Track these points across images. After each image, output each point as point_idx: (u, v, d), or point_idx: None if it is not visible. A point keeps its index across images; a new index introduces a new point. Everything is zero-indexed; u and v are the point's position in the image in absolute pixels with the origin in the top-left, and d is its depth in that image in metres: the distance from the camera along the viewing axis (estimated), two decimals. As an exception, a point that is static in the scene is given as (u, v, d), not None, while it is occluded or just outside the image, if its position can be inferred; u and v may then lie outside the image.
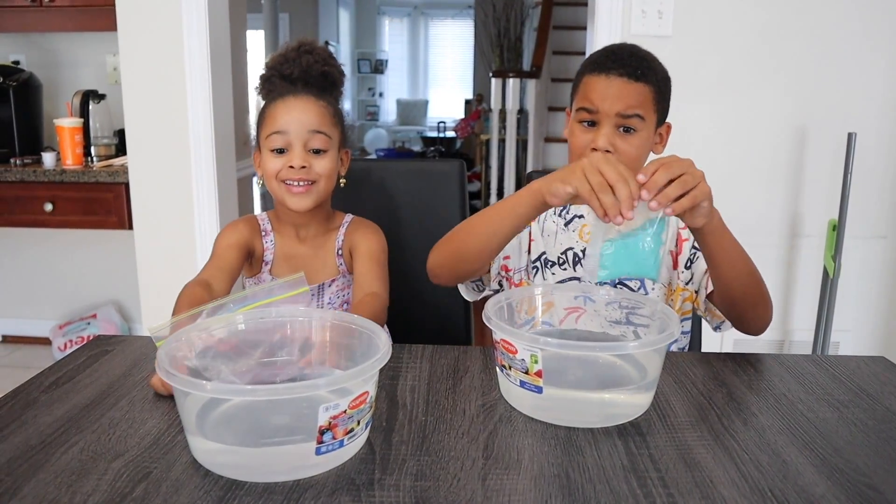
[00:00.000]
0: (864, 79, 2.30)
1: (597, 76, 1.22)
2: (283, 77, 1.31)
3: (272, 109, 1.28)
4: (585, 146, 1.22)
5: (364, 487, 0.72)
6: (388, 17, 10.31)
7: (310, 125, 1.26)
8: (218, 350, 0.86)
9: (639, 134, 1.21)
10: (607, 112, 1.20)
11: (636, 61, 1.21)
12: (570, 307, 1.07)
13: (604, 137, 1.19)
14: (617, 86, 1.20)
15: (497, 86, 5.10)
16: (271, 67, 1.32)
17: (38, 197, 2.71)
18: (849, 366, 1.07)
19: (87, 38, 3.06)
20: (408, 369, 1.02)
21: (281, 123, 1.26)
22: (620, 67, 1.20)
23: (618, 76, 1.20)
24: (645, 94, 1.21)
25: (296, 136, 1.26)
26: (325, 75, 1.33)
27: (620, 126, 1.20)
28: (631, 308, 1.03)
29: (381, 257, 1.34)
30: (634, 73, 1.20)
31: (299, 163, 1.25)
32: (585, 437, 0.83)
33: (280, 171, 1.26)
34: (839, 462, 0.78)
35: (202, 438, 0.76)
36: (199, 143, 2.46)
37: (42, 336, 3.29)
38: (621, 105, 1.19)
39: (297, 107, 1.27)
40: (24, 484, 0.71)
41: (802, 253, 2.41)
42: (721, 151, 2.35)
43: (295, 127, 1.25)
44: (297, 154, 1.26)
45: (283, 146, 1.26)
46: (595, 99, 1.21)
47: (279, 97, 1.28)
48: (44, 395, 0.92)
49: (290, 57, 1.31)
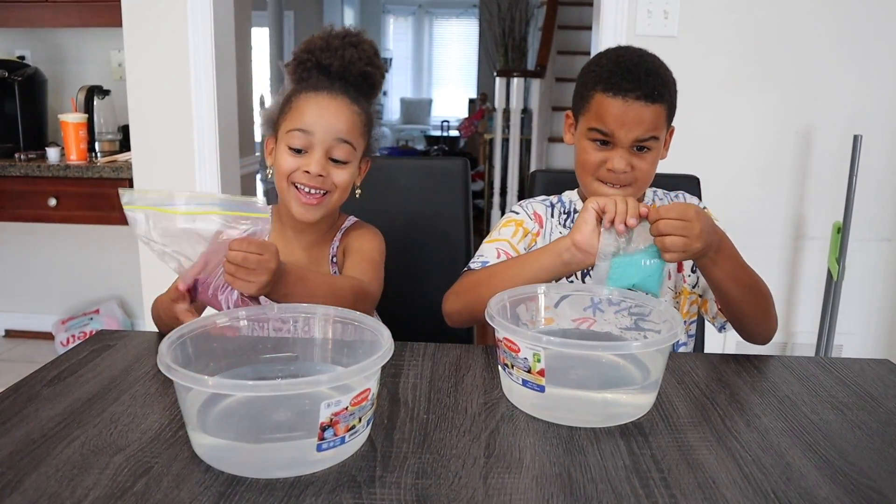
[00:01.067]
0: (871, 81, 2.29)
1: (612, 98, 1.17)
2: (320, 66, 1.21)
3: (301, 101, 1.18)
4: (599, 165, 1.21)
5: (365, 485, 0.71)
6: (393, 16, 10.31)
7: (337, 132, 1.17)
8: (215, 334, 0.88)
9: (653, 151, 1.21)
10: (623, 139, 1.18)
11: (652, 80, 1.17)
12: (580, 318, 1.07)
13: (621, 160, 1.19)
14: (635, 111, 1.17)
15: (501, 85, 5.10)
16: (309, 51, 1.22)
17: (42, 192, 2.72)
18: (853, 368, 1.06)
19: (92, 33, 3.06)
20: (410, 367, 1.02)
21: (307, 122, 1.16)
22: (637, 90, 1.16)
23: (635, 99, 1.16)
24: (660, 114, 1.19)
25: (320, 140, 1.16)
26: (366, 76, 1.23)
27: (635, 146, 1.19)
28: (640, 315, 1.03)
29: (372, 256, 1.25)
30: (651, 95, 1.17)
31: (317, 170, 1.16)
32: (587, 437, 0.83)
33: (294, 173, 1.17)
34: (843, 465, 0.78)
35: (203, 434, 0.76)
36: (203, 140, 2.46)
37: (45, 331, 3.30)
38: (639, 131, 1.18)
39: (330, 108, 1.17)
40: (26, 478, 0.71)
41: (806, 255, 2.41)
42: (726, 152, 2.35)
43: (321, 130, 1.16)
44: (316, 160, 1.16)
45: (303, 146, 1.16)
46: (610, 123, 1.18)
47: (312, 90, 1.19)
48: (46, 390, 0.92)
49: (334, 46, 1.20)
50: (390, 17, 10.31)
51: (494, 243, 1.30)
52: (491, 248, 1.29)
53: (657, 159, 1.23)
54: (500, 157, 5.10)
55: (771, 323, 1.18)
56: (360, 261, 1.23)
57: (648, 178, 1.23)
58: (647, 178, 1.23)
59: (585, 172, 1.24)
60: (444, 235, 1.60)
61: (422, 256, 1.56)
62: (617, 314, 1.05)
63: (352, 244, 1.27)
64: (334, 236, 1.29)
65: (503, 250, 1.28)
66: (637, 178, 1.21)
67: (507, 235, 1.31)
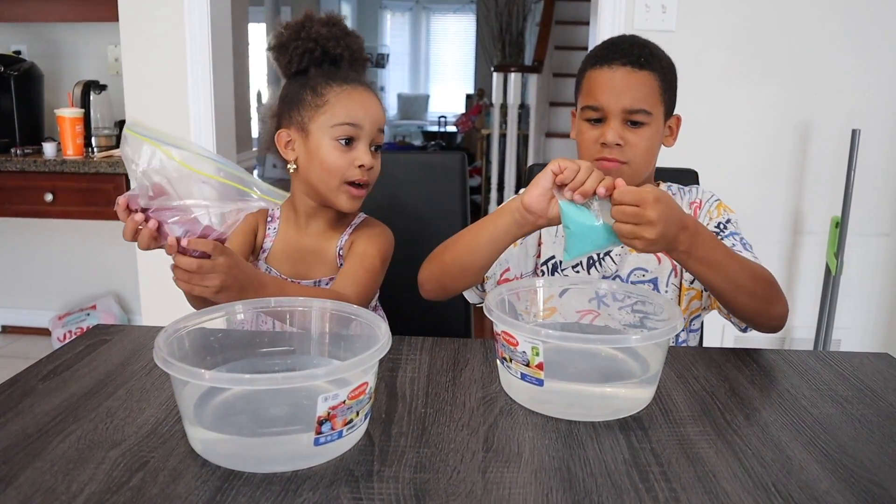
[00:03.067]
0: (869, 75, 2.29)
1: (598, 69, 1.20)
2: (326, 55, 1.21)
3: (338, 95, 1.18)
4: (594, 142, 1.20)
5: (363, 479, 0.71)
6: (390, 11, 10.29)
7: (379, 122, 1.20)
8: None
9: (648, 127, 1.19)
10: (613, 108, 1.18)
11: (637, 49, 1.19)
12: (584, 310, 1.06)
13: (612, 131, 1.17)
14: (620, 77, 1.18)
15: (499, 80, 5.10)
16: (314, 40, 1.20)
17: (38, 187, 2.71)
18: (853, 362, 1.06)
19: (88, 28, 3.04)
20: (407, 361, 1.01)
21: (355, 115, 1.17)
22: (622, 57, 1.18)
23: (620, 65, 1.18)
24: (650, 84, 1.19)
25: (367, 132, 1.18)
26: (364, 63, 1.27)
27: (627, 121, 1.18)
28: (645, 313, 1.02)
29: (373, 263, 1.24)
30: (637, 62, 1.18)
31: (369, 162, 1.18)
32: (587, 431, 0.82)
33: (346, 171, 1.18)
34: (843, 458, 0.78)
35: (200, 428, 0.76)
36: (200, 135, 2.45)
37: (42, 327, 3.29)
38: (627, 99, 1.17)
39: (371, 101, 1.20)
40: (21, 472, 0.71)
41: (805, 250, 2.41)
42: (724, 147, 2.35)
43: (369, 122, 1.18)
44: (363, 152, 1.18)
45: (351, 136, 1.18)
46: (599, 95, 1.19)
47: (344, 82, 1.19)
48: (41, 384, 0.91)
49: (336, 35, 1.21)
50: (387, 13, 10.29)
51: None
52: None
53: (654, 140, 1.20)
54: (498, 152, 5.10)
55: (776, 310, 1.11)
56: (358, 268, 1.22)
57: (644, 159, 1.20)
58: (643, 158, 1.20)
59: (584, 156, 1.22)
60: (441, 231, 1.59)
61: (419, 252, 1.55)
62: (621, 310, 1.04)
63: (358, 245, 1.26)
64: (344, 230, 1.29)
65: None
66: (632, 156, 1.18)
67: None
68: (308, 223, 1.28)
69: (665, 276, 1.26)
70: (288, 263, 1.27)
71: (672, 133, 1.27)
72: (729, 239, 1.20)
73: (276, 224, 1.30)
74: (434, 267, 1.21)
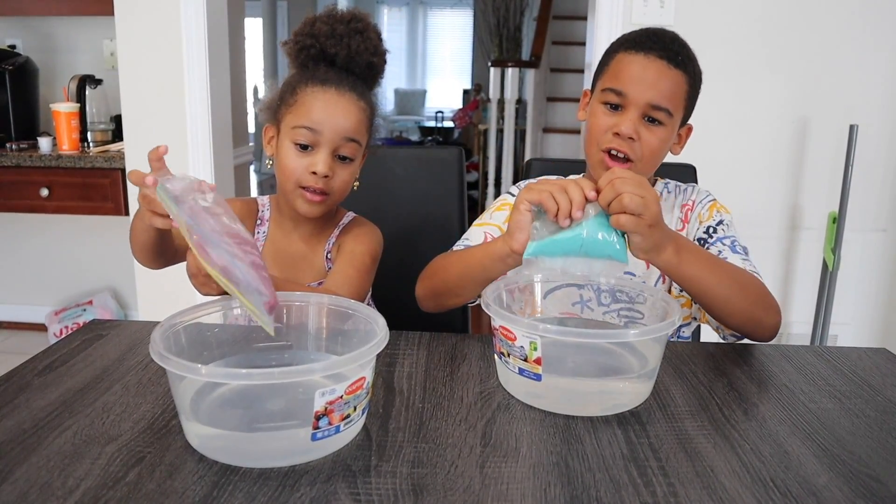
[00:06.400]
0: (867, 70, 2.29)
1: (633, 55, 1.15)
2: (324, 55, 1.16)
3: (309, 96, 1.14)
4: (607, 129, 1.16)
5: (360, 474, 0.71)
6: (387, 6, 10.25)
7: (345, 131, 1.14)
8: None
9: (664, 127, 1.16)
10: (637, 99, 1.13)
11: (677, 46, 1.16)
12: (567, 312, 1.05)
13: (630, 122, 1.13)
14: (654, 69, 1.14)
15: (496, 75, 5.09)
16: (313, 36, 1.16)
17: (34, 182, 2.70)
18: (850, 357, 1.06)
19: (84, 22, 3.03)
20: (405, 356, 1.01)
21: (315, 119, 1.12)
22: (661, 49, 1.14)
23: (657, 57, 1.14)
24: (680, 85, 1.16)
25: (328, 138, 1.13)
26: (371, 66, 1.19)
27: (646, 116, 1.15)
28: (631, 318, 1.01)
29: (363, 261, 1.21)
30: (675, 59, 1.14)
31: (323, 171, 1.12)
32: (585, 426, 0.82)
33: (300, 176, 1.14)
34: (841, 452, 0.78)
35: (197, 423, 0.75)
36: (196, 130, 2.44)
37: (38, 322, 3.28)
38: (654, 93, 1.13)
39: (339, 106, 1.13)
40: (17, 467, 0.70)
41: (802, 245, 2.41)
42: (722, 142, 2.34)
43: (330, 129, 1.13)
44: (322, 160, 1.13)
45: (310, 143, 1.13)
46: (626, 81, 1.14)
47: (319, 84, 1.14)
48: (37, 379, 0.91)
49: (339, 32, 1.15)
50: (384, 8, 10.26)
51: (483, 227, 1.27)
52: (479, 232, 1.27)
53: (667, 141, 1.18)
54: (495, 147, 5.10)
55: (768, 320, 1.07)
56: (348, 267, 1.19)
57: (652, 159, 1.18)
58: (651, 159, 1.17)
59: (592, 140, 1.18)
60: (438, 225, 1.59)
61: (416, 246, 1.55)
62: (605, 315, 1.03)
63: (346, 244, 1.24)
64: (331, 232, 1.27)
65: (491, 235, 1.25)
66: (642, 154, 1.15)
67: (498, 220, 1.27)
68: (295, 226, 1.25)
69: (652, 282, 1.24)
70: (277, 269, 1.25)
71: (680, 141, 1.25)
72: (716, 245, 1.18)
73: (265, 227, 1.27)
74: (427, 288, 1.21)
